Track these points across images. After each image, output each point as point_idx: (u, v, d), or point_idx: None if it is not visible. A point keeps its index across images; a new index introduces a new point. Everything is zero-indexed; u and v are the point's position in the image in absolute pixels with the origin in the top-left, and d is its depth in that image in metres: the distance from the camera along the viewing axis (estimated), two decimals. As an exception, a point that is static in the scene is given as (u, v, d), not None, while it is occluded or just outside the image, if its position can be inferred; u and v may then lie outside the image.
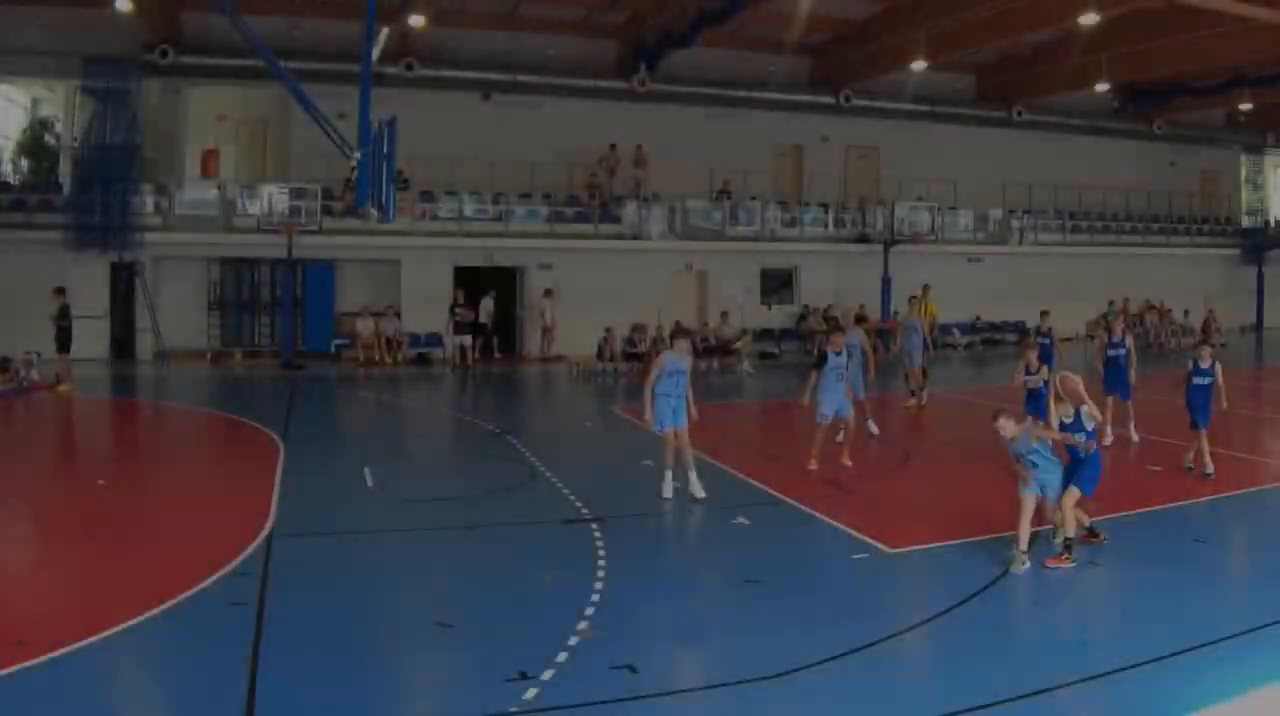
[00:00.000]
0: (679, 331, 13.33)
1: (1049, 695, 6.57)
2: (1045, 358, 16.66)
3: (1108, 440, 13.73)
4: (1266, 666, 6.99)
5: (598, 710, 6.33)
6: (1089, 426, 9.08)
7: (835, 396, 13.13)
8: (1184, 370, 13.12)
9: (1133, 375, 15.08)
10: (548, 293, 26.37)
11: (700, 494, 11.37)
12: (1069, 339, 32.81)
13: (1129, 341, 15.18)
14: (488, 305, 26.98)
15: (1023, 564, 8.68)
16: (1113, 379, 15.01)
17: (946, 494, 12.41)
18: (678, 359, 11.50)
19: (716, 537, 10.62)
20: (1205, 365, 12.71)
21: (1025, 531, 8.81)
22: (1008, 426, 8.93)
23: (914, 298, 20.80)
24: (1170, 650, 7.20)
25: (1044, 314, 18.78)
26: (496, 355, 27.30)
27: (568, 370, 25.15)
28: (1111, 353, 15.34)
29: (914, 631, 7.74)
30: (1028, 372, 13.53)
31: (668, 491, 11.46)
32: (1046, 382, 12.28)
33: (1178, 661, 7.09)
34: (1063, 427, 9.18)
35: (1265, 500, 12.12)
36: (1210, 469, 12.54)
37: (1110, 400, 14.89)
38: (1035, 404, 13.00)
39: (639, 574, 9.13)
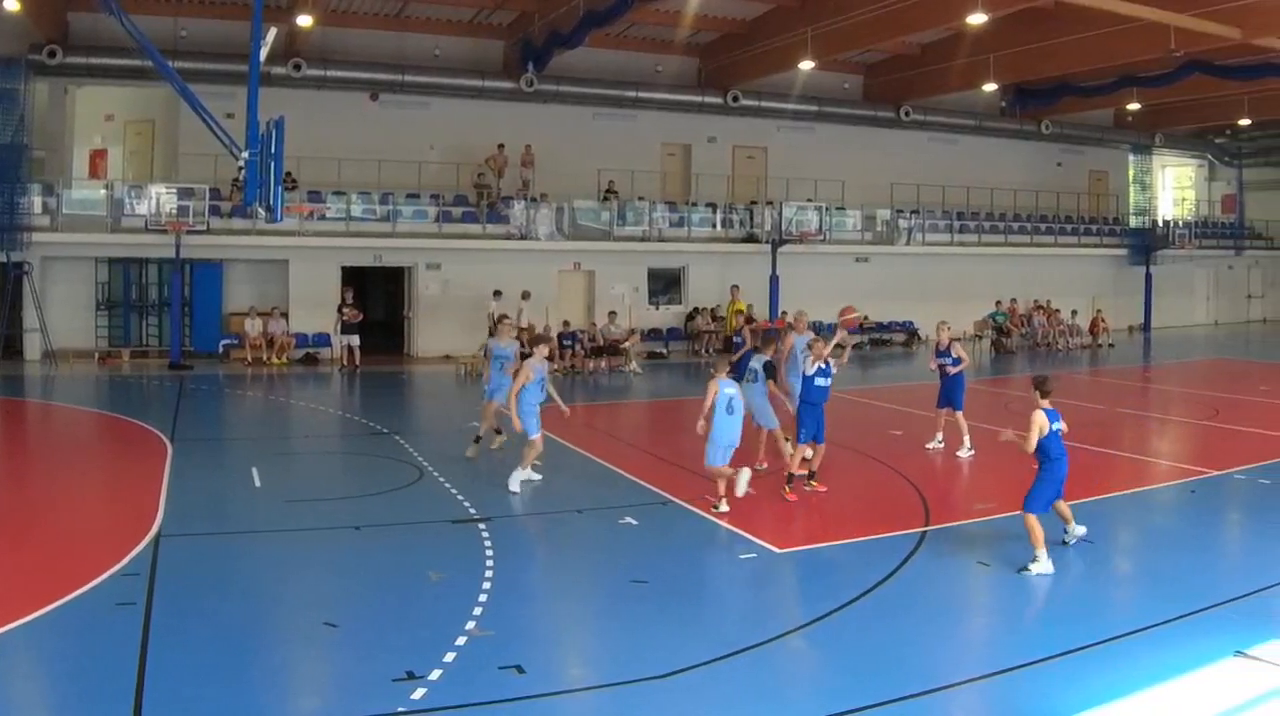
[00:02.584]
0: (539, 338, 15.01)
1: (935, 695, 7.10)
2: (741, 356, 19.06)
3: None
4: (1153, 667, 7.50)
5: (485, 710, 6.78)
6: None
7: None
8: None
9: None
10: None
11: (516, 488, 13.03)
12: (956, 339, 35.95)
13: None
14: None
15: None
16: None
17: (833, 494, 13.07)
18: (539, 365, 13.18)
19: (604, 538, 11.27)
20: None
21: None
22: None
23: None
24: (1056, 651, 7.77)
25: (746, 319, 21.09)
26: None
27: (455, 370, 26.66)
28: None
29: (801, 631, 8.38)
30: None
31: (517, 485, 13.05)
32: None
33: (1064, 662, 7.61)
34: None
35: (1152, 500, 13.12)
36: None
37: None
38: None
39: (527, 574, 9.92)
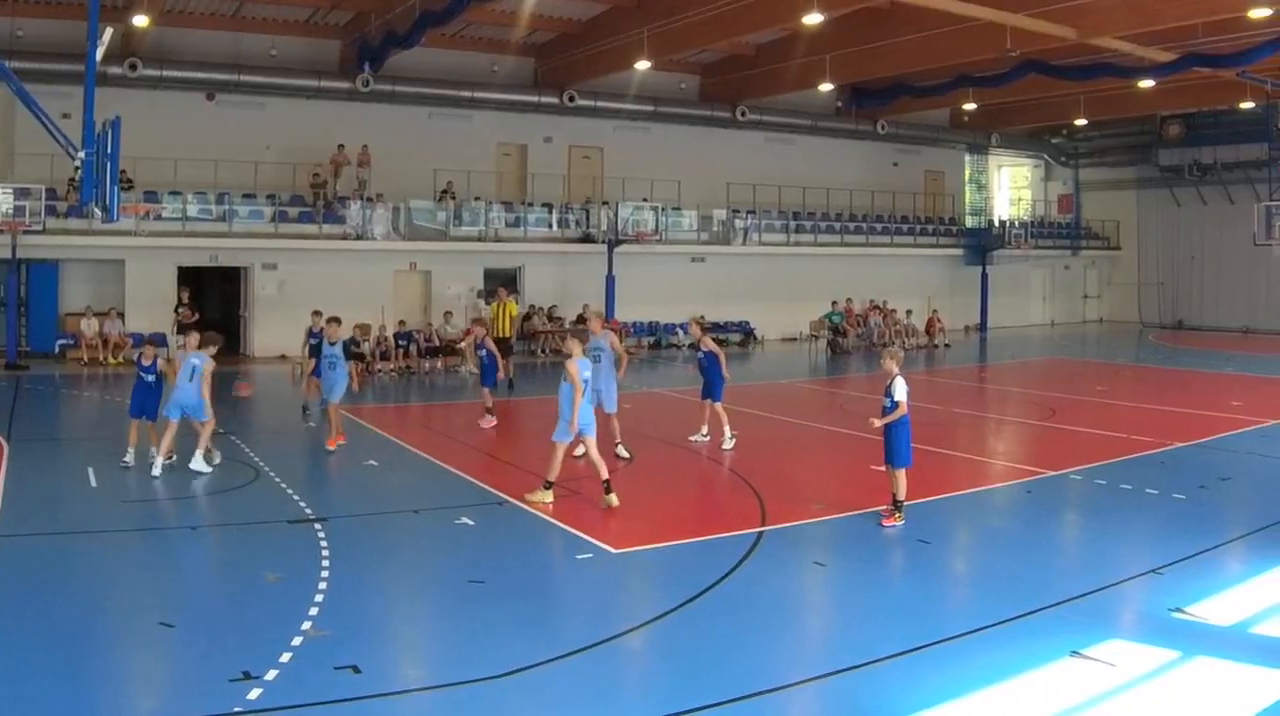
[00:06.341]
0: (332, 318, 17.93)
1: (772, 695, 7.70)
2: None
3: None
4: (989, 667, 8.17)
5: (321, 710, 7.29)
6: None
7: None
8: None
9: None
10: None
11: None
12: (793, 339, 41.52)
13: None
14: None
15: None
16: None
17: (667, 494, 14.45)
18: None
19: (441, 538, 12.31)
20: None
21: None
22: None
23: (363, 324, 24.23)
24: (894, 650, 8.45)
25: (362, 325, 24.06)
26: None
27: (291, 370, 28.78)
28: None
29: (638, 631, 9.10)
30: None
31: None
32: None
33: (900, 662, 8.27)
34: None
35: (989, 500, 14.42)
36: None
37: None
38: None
39: (363, 574, 10.71)
